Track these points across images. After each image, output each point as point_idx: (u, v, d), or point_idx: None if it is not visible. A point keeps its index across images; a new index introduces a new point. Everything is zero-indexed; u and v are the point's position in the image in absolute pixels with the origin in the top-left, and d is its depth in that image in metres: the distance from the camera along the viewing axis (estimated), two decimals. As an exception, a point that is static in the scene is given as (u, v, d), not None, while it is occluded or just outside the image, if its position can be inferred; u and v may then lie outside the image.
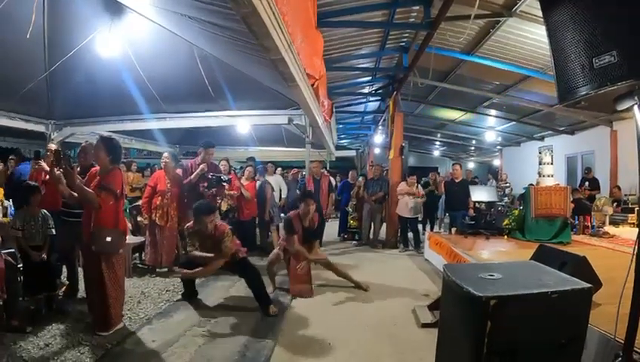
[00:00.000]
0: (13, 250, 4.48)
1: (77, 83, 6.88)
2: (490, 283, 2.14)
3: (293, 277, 5.81)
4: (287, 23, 3.95)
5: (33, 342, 3.84)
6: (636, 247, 2.04)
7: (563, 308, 2.02)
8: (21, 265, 4.51)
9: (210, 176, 6.58)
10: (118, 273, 4.25)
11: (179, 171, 6.79)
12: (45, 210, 4.84)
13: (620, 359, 2.03)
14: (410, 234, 9.67)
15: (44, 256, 4.59)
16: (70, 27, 5.61)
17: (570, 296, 2.03)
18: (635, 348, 2.13)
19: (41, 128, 8.60)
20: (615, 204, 10.24)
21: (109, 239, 4.07)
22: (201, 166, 6.56)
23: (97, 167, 4.36)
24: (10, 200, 6.67)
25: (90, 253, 4.13)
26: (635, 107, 1.94)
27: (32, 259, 4.48)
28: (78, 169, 4.65)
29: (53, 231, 4.81)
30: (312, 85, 6.25)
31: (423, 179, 12.44)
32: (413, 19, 8.62)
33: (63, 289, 5.13)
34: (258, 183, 8.66)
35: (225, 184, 6.77)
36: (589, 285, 2.12)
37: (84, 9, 5.40)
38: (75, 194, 4.13)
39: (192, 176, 6.50)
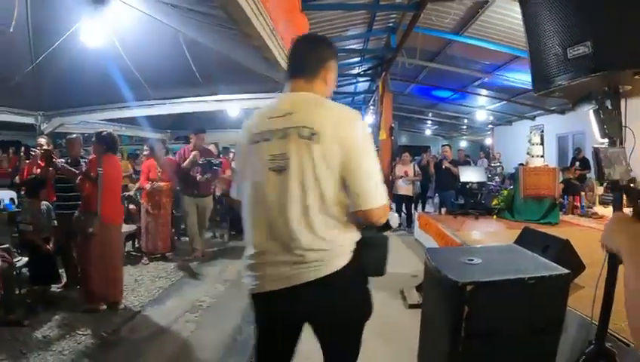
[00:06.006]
0: (7, 246, 4.51)
1: (64, 73, 6.75)
2: (469, 268, 2.17)
3: None
4: (268, 9, 3.93)
5: (31, 334, 3.88)
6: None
7: (540, 293, 2.04)
8: (18, 259, 4.56)
9: (201, 162, 6.61)
10: (106, 251, 4.46)
11: (173, 159, 6.88)
12: (47, 203, 4.90)
13: (592, 346, 1.99)
14: (403, 215, 9.68)
15: (51, 247, 4.70)
16: (55, 16, 5.50)
17: (547, 281, 2.05)
18: (611, 332, 2.15)
19: (30, 120, 8.50)
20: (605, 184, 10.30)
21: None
22: (193, 153, 6.55)
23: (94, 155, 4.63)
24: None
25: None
26: (591, 112, 1.93)
27: (45, 251, 4.60)
28: (69, 161, 4.93)
29: (55, 222, 4.88)
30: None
31: (416, 158, 12.32)
32: (399, 0, 8.55)
33: (64, 282, 5.15)
34: None
35: (217, 168, 6.83)
36: (567, 271, 2.13)
37: (67, -3, 5.32)
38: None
39: (185, 163, 6.50)
